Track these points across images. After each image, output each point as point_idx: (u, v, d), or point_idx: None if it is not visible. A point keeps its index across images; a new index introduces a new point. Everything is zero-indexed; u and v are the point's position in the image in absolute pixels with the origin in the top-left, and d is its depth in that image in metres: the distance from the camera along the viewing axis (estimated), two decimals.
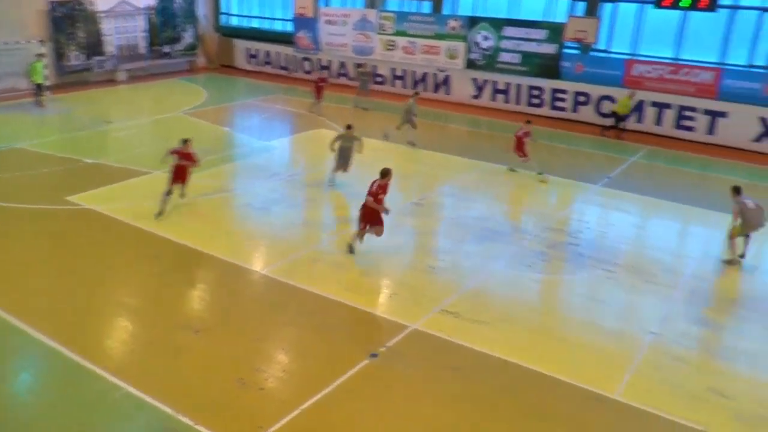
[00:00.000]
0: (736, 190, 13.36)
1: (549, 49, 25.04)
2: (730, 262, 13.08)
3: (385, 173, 12.18)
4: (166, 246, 12.61)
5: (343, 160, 16.24)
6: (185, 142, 13.96)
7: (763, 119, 21.79)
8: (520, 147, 17.89)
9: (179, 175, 13.86)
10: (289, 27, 32.30)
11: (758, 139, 22.01)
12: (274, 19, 33.95)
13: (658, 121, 23.51)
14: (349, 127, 16.20)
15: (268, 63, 33.17)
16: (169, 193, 13.71)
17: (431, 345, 9.76)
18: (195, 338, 9.62)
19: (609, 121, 23.77)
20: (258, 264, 12.24)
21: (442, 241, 13.87)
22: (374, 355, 9.32)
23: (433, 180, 17.60)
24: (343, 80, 30.13)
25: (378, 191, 11.99)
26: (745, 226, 13.04)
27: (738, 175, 19.65)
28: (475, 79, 27.35)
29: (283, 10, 33.04)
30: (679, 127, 23.25)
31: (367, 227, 12.33)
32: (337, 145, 16.07)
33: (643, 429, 8.25)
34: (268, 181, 16.67)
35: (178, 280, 11.56)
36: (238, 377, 8.70)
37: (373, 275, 12.01)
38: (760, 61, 22.57)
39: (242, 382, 8.60)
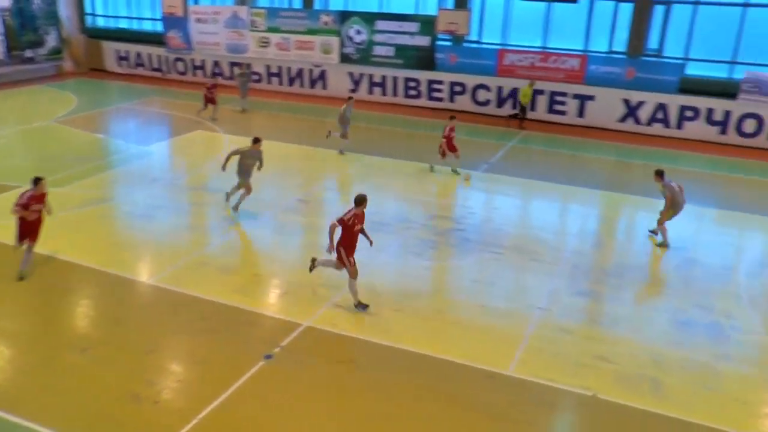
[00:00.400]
0: (661, 174, 13.24)
1: (422, 41, 25.56)
2: (662, 245, 13.47)
3: (361, 201, 10.46)
4: (44, 263, 11.85)
5: (245, 179, 14.12)
6: (37, 181, 11.01)
7: (626, 101, 23.30)
8: (450, 145, 17.47)
9: (31, 226, 11.11)
10: (159, 27, 31.19)
11: (623, 120, 23.54)
12: (142, 18, 32.67)
13: (532, 106, 24.54)
14: (256, 140, 14.10)
15: (140, 65, 31.90)
16: (21, 245, 11.19)
17: (325, 340, 9.78)
18: (82, 357, 9.16)
19: (495, 110, 24.79)
20: (144, 274, 11.79)
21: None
22: (269, 356, 9.23)
23: (316, 175, 17.58)
24: (218, 80, 29.36)
25: (354, 222, 10.35)
26: (676, 209, 13.26)
27: (607, 153, 20.95)
28: (351, 74, 27.50)
29: (152, 10, 31.86)
30: (551, 111, 24.42)
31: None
32: (235, 159, 13.91)
33: (537, 400, 8.63)
34: (149, 187, 16.08)
35: (59, 298, 10.91)
36: (132, 392, 8.37)
37: (262, 276, 11.86)
38: (619, 48, 24.08)
39: (136, 397, 8.28)
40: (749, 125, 22.02)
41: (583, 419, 8.49)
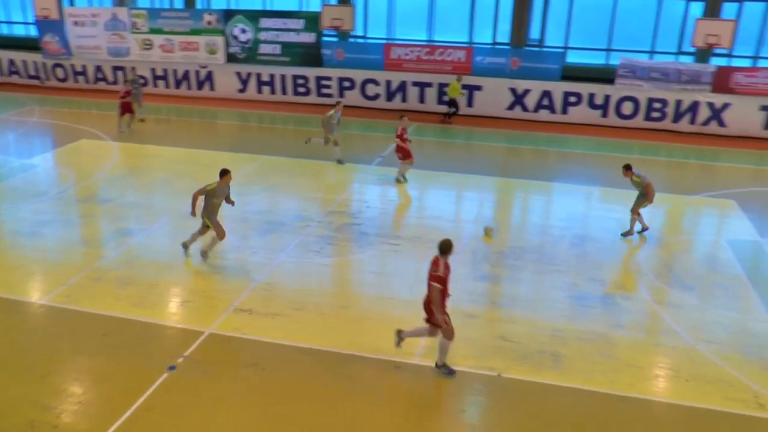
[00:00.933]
0: (630, 168, 13.52)
1: (308, 38, 25.49)
2: (642, 231, 13.79)
3: (447, 248, 8.74)
4: None
5: (212, 220, 12.15)
6: None
7: (512, 89, 24.10)
8: (403, 147, 16.74)
9: None
10: (33, 31, 29.51)
11: (511, 107, 24.34)
12: (13, 23, 30.83)
13: (421, 98, 25.00)
14: (225, 172, 12.21)
15: (14, 73, 29.95)
16: None
17: (228, 346, 9.66)
18: None
19: (385, 103, 24.98)
20: (35, 294, 11.18)
21: (226, 240, 13.63)
22: (172, 368, 9.01)
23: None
24: (101, 85, 28.28)
25: (447, 274, 8.72)
26: (651, 199, 13.58)
27: (498, 141, 21.64)
28: (238, 73, 27.03)
29: (23, 13, 30.11)
30: (441, 102, 24.83)
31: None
32: (212, 203, 12.06)
33: (445, 385, 8.86)
34: (35, 202, 15.25)
35: None
36: (29, 421, 7.94)
37: (160, 286, 11.50)
38: (503, 39, 24.92)
39: (33, 425, 7.86)
40: (627, 107, 23.32)
41: (490, 399, 8.77)
